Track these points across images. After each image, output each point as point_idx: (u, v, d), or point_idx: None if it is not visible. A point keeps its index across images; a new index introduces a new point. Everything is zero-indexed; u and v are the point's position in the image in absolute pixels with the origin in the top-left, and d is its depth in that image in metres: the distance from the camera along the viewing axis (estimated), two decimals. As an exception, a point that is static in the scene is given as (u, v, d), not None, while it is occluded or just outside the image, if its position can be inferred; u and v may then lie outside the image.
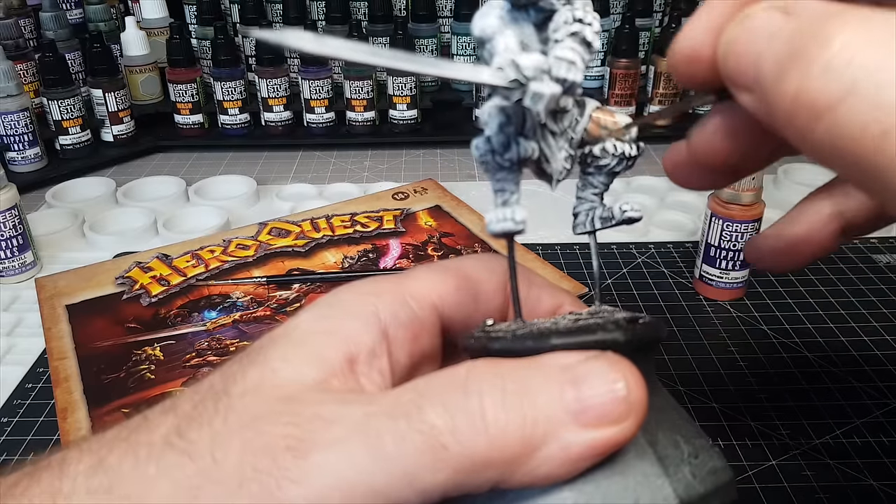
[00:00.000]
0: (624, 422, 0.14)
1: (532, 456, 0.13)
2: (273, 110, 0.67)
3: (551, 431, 0.13)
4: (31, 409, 0.35)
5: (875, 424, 0.33)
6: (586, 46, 0.16)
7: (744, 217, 0.40)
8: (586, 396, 0.14)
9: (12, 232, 0.45)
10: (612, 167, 0.19)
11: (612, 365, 0.14)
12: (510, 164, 0.18)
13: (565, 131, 0.18)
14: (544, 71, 0.16)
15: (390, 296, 0.18)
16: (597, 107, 0.18)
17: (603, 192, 0.20)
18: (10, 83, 0.57)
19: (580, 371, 0.14)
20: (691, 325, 0.40)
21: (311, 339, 0.16)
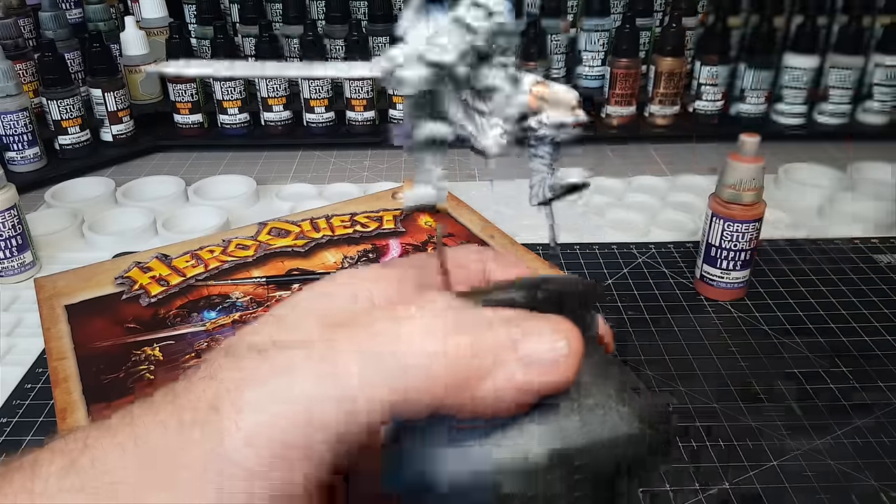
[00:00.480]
0: (562, 366, 0.15)
1: (480, 381, 0.14)
2: (273, 110, 0.67)
3: (498, 362, 0.15)
4: (30, 410, 0.35)
5: (876, 425, 0.33)
6: (464, 28, 0.17)
7: (745, 217, 0.40)
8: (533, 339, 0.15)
9: (11, 232, 0.45)
10: (552, 137, 0.19)
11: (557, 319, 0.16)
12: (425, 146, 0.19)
13: (499, 109, 0.19)
14: (418, 58, 0.17)
15: (385, 282, 0.19)
16: (536, 80, 0.19)
17: (550, 161, 0.20)
18: (10, 83, 0.57)
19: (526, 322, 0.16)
20: (692, 326, 0.40)
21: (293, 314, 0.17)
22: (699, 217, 0.51)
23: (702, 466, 0.31)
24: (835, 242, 0.49)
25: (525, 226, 0.51)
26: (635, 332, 0.40)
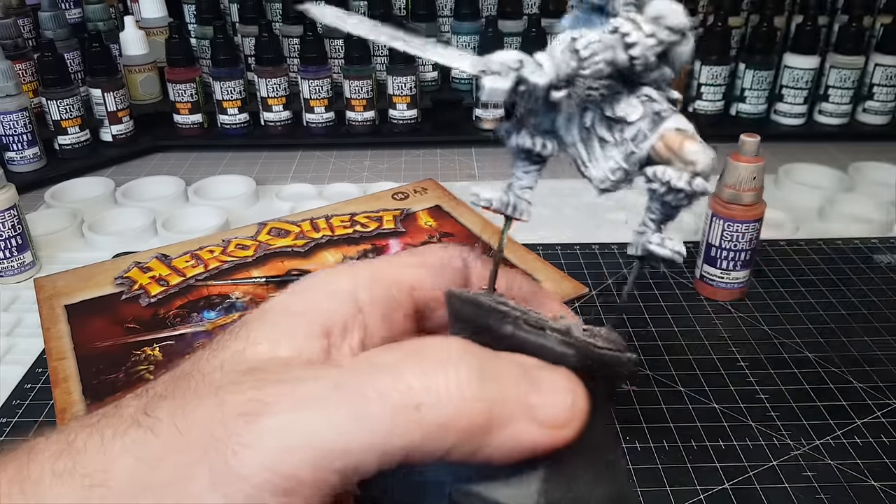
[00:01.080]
0: (566, 427, 0.15)
1: (490, 433, 0.14)
2: (272, 110, 0.67)
3: (510, 416, 0.15)
4: (30, 410, 0.35)
5: (876, 424, 0.33)
6: (572, 53, 0.16)
7: (745, 217, 0.40)
8: (543, 395, 0.15)
9: (11, 232, 0.45)
10: (662, 195, 0.18)
11: (569, 377, 0.16)
12: (515, 151, 0.19)
13: (624, 142, 0.18)
14: (512, 68, 0.16)
15: (367, 278, 0.18)
16: (676, 128, 0.18)
17: (658, 220, 0.19)
18: (9, 83, 0.57)
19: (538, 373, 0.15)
20: (692, 326, 0.40)
21: (282, 319, 0.17)
22: (699, 217, 0.51)
23: (702, 467, 0.31)
24: (835, 242, 0.49)
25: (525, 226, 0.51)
26: (635, 332, 0.40)
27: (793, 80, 0.67)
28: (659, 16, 0.17)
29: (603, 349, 0.17)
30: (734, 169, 0.39)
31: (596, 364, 0.17)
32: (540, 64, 0.16)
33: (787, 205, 0.54)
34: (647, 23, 0.17)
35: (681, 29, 0.17)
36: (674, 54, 0.18)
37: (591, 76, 0.17)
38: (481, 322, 0.17)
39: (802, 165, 0.60)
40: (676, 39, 0.17)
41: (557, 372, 0.16)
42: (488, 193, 0.19)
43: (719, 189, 0.41)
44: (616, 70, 0.17)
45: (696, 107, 0.69)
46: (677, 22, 0.17)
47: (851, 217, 0.52)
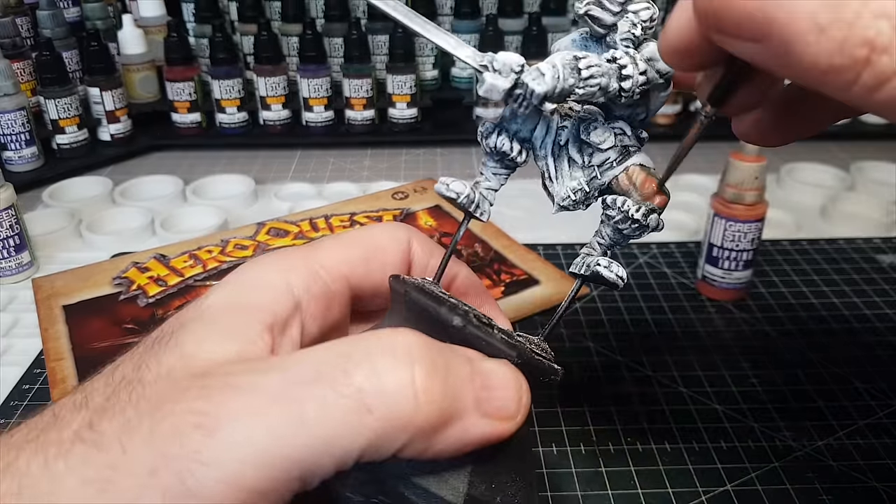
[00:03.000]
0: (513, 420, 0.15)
1: (443, 428, 0.14)
2: (271, 109, 0.67)
3: (462, 411, 0.15)
4: (27, 411, 0.35)
5: (878, 426, 0.33)
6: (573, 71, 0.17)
7: (747, 217, 0.40)
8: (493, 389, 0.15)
9: (9, 232, 0.45)
10: (617, 222, 0.19)
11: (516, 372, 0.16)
12: (488, 150, 0.19)
13: (591, 166, 0.19)
14: (514, 71, 0.17)
15: (302, 269, 0.18)
16: (640, 164, 0.19)
17: (607, 245, 0.20)
18: (7, 82, 0.56)
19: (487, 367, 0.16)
20: (694, 327, 0.40)
21: (223, 316, 0.16)
22: (701, 217, 0.51)
23: (703, 468, 0.30)
24: (837, 242, 0.49)
25: (526, 226, 0.51)
26: (637, 332, 0.39)
27: (794, 78, 0.67)
28: (652, 58, 0.18)
29: (539, 356, 0.18)
30: (736, 168, 0.39)
31: (531, 369, 0.17)
32: (542, 73, 0.17)
33: (790, 204, 0.54)
34: (643, 62, 0.18)
35: (667, 74, 0.18)
36: (653, 97, 0.19)
37: (584, 97, 0.18)
38: (431, 312, 0.17)
39: (805, 165, 0.60)
40: (661, 83, 0.19)
41: (506, 366, 0.16)
42: (458, 187, 0.20)
43: (721, 189, 0.40)
44: (605, 97, 0.18)
45: (696, 106, 0.69)
46: (666, 67, 0.18)
47: (854, 217, 0.52)
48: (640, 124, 0.20)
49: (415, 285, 0.18)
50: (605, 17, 0.18)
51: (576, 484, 0.29)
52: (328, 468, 0.13)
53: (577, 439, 0.32)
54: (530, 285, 0.43)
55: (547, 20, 0.69)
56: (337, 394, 0.14)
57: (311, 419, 0.13)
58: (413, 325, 0.17)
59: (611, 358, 0.37)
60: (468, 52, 0.18)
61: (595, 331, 0.39)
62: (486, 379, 0.15)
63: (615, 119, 0.19)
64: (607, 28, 0.19)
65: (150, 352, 0.16)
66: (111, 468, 0.13)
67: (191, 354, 0.15)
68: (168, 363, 0.15)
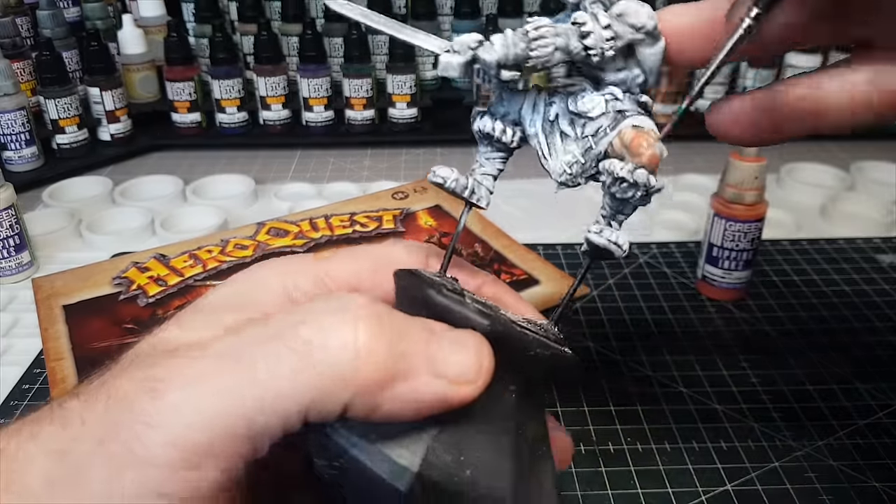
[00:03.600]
0: (472, 384, 0.15)
1: (390, 387, 0.14)
2: (271, 109, 0.67)
3: (412, 370, 0.14)
4: (27, 411, 0.35)
5: (878, 426, 0.33)
6: (523, 35, 0.17)
7: (747, 217, 0.40)
8: (449, 352, 0.15)
9: (9, 232, 0.45)
10: (609, 186, 0.18)
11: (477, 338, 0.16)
12: (478, 135, 0.19)
13: (584, 137, 0.18)
14: (470, 47, 0.17)
15: (304, 273, 0.18)
16: (633, 125, 0.18)
17: (609, 215, 0.19)
18: (7, 82, 0.56)
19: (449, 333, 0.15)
20: (694, 326, 0.40)
21: (216, 312, 0.17)
22: (701, 217, 0.51)
23: (703, 468, 0.30)
24: (837, 242, 0.49)
25: (526, 225, 0.51)
26: (637, 332, 0.39)
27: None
28: (621, 13, 0.17)
29: (525, 329, 0.17)
30: (736, 168, 0.39)
31: (510, 340, 0.17)
32: (492, 43, 0.17)
33: (789, 204, 0.54)
34: (608, 18, 0.17)
35: (642, 27, 0.18)
36: (641, 55, 0.18)
37: (542, 60, 0.17)
38: (415, 292, 0.17)
39: (804, 165, 0.60)
40: (640, 38, 0.18)
41: (465, 332, 0.16)
42: (445, 172, 0.19)
43: (721, 189, 0.40)
44: (571, 59, 0.17)
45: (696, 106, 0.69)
46: (638, 20, 0.17)
47: (854, 217, 0.52)
48: (642, 88, 0.19)
49: (409, 271, 0.18)
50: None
51: (576, 484, 0.29)
52: (275, 428, 0.13)
53: (577, 439, 0.32)
54: (530, 285, 0.43)
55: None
56: (287, 349, 0.14)
57: (261, 375, 0.13)
58: (400, 306, 0.17)
59: (611, 358, 0.37)
60: (435, 43, 0.18)
61: (595, 331, 0.39)
62: (440, 340, 0.15)
63: (606, 86, 0.18)
64: None
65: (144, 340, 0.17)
66: (70, 440, 0.13)
67: (168, 338, 0.16)
68: (145, 344, 0.16)
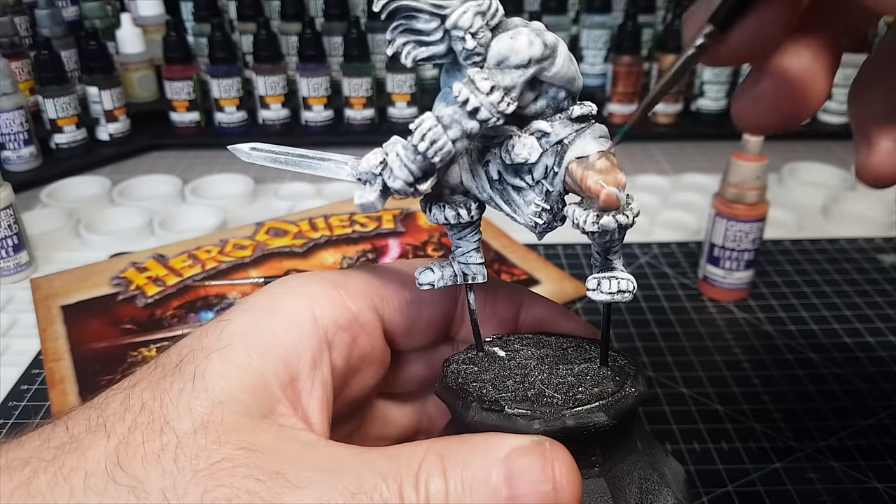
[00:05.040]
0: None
1: None
2: (270, 108, 0.66)
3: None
4: (26, 411, 0.35)
5: (880, 426, 0.32)
6: (413, 151, 0.16)
7: (748, 216, 0.40)
8: (519, 494, 0.14)
9: (7, 232, 0.45)
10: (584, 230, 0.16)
11: (543, 464, 0.14)
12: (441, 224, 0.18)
13: (538, 182, 0.17)
14: (375, 174, 0.17)
15: (329, 299, 0.18)
16: (576, 157, 0.16)
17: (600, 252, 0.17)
18: (6, 81, 0.56)
19: (517, 467, 0.14)
20: (695, 327, 0.40)
21: (249, 359, 0.16)
22: (702, 217, 0.50)
23: (704, 468, 0.30)
24: (839, 242, 0.49)
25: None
26: (638, 332, 0.39)
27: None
28: (500, 61, 0.15)
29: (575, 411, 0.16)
30: (737, 168, 0.39)
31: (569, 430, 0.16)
32: (392, 170, 0.16)
33: (791, 204, 0.54)
34: (489, 78, 0.15)
35: (529, 61, 0.15)
36: (549, 79, 0.16)
37: (445, 158, 0.16)
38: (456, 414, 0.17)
39: (806, 164, 0.59)
40: (537, 69, 0.15)
41: (535, 453, 0.14)
42: (429, 276, 0.18)
43: (722, 188, 0.40)
44: (479, 135, 0.16)
45: (698, 106, 0.69)
46: (520, 58, 0.15)
47: (856, 216, 0.52)
48: (569, 102, 0.17)
49: (445, 387, 0.18)
50: (429, 35, 0.16)
51: (576, 485, 0.29)
52: None
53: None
54: (530, 285, 0.43)
55: (547, 20, 0.69)
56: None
57: None
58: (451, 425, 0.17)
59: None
60: (346, 171, 0.17)
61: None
62: (512, 485, 0.14)
63: (530, 120, 0.16)
64: (439, 45, 0.16)
65: (172, 382, 0.16)
66: None
67: (221, 404, 0.15)
68: (199, 412, 0.15)
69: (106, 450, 0.14)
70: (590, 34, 0.71)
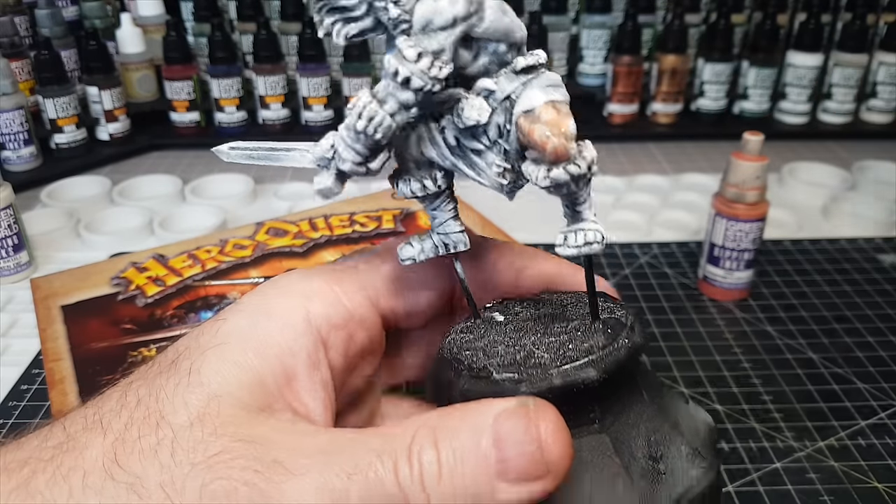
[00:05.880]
0: (542, 479, 0.14)
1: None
2: (270, 108, 0.66)
3: (483, 493, 0.14)
4: (26, 411, 0.35)
5: (880, 426, 0.32)
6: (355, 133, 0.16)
7: (748, 216, 0.39)
8: (507, 457, 0.14)
9: (7, 232, 0.45)
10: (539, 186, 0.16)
11: (527, 425, 0.14)
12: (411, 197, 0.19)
13: (495, 142, 0.16)
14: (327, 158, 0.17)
15: (322, 296, 0.18)
16: (523, 111, 0.15)
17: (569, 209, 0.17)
18: (6, 81, 0.56)
19: (503, 430, 0.14)
20: (695, 327, 0.40)
21: (245, 357, 0.16)
22: (702, 216, 0.50)
23: (705, 469, 0.30)
24: (839, 242, 0.49)
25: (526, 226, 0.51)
26: (637, 332, 0.39)
27: (796, 78, 0.66)
28: (425, 24, 0.15)
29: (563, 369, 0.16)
30: (737, 168, 0.39)
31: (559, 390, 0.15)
32: (340, 152, 0.16)
33: (791, 204, 0.54)
34: (414, 44, 0.15)
35: (454, 20, 0.15)
36: (482, 35, 0.15)
37: (388, 133, 0.16)
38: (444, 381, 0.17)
39: (806, 164, 0.59)
40: (465, 27, 0.15)
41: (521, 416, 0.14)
42: (409, 251, 0.19)
43: (722, 188, 0.40)
44: (420, 104, 0.15)
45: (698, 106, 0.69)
46: (444, 18, 0.15)
47: (855, 216, 0.52)
48: (513, 54, 0.16)
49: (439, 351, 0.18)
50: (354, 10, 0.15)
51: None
52: None
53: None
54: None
55: (547, 19, 0.69)
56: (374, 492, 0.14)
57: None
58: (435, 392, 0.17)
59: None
60: (309, 157, 0.17)
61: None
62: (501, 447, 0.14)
63: (474, 79, 0.16)
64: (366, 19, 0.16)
65: (168, 378, 0.16)
66: None
67: (217, 398, 0.15)
68: (195, 407, 0.15)
69: (103, 447, 0.14)
70: (590, 34, 0.71)
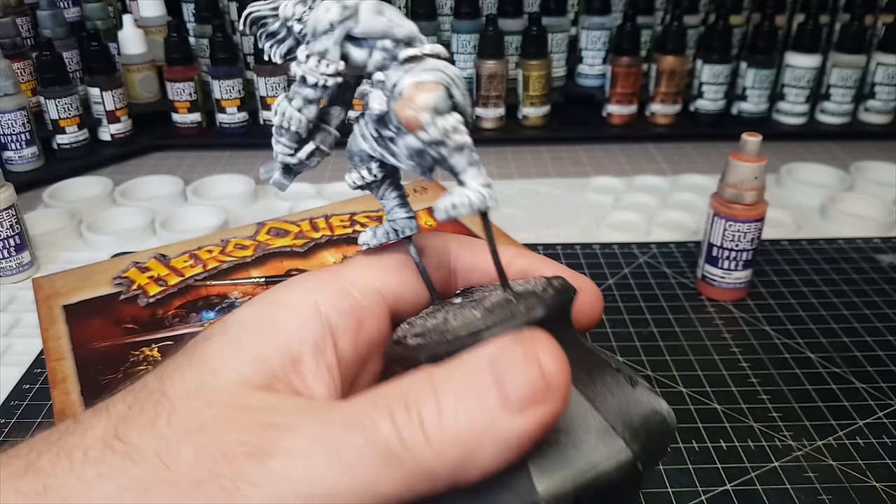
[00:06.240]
0: (548, 402, 0.14)
1: (475, 455, 0.14)
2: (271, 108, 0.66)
3: (486, 430, 0.14)
4: (28, 411, 0.35)
5: (878, 425, 0.33)
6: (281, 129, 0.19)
7: (747, 216, 0.40)
8: (509, 389, 0.14)
9: (9, 232, 0.45)
10: (405, 159, 0.18)
11: (526, 352, 0.14)
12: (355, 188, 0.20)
13: (399, 128, 0.18)
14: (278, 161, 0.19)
15: (330, 287, 0.18)
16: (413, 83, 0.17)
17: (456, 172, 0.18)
18: (7, 82, 0.56)
19: (501, 365, 0.14)
20: (693, 326, 0.40)
21: (249, 339, 0.16)
22: (701, 217, 0.51)
23: (703, 467, 0.30)
24: (837, 242, 0.49)
25: (526, 226, 0.51)
26: (636, 332, 0.39)
27: (794, 78, 0.67)
28: (313, 31, 0.17)
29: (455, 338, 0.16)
30: (736, 168, 0.39)
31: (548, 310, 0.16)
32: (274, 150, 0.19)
33: (789, 204, 0.54)
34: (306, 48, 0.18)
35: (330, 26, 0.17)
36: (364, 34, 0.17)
37: (303, 126, 0.18)
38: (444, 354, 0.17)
39: (804, 165, 0.60)
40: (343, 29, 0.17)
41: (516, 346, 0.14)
42: (364, 237, 0.20)
43: (721, 189, 0.40)
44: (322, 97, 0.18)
45: (696, 106, 0.69)
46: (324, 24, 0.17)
47: (854, 217, 0.52)
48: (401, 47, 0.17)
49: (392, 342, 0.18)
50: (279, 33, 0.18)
51: (576, 483, 0.29)
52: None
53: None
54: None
55: (547, 20, 0.69)
56: (368, 442, 0.14)
57: (349, 463, 0.14)
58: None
59: (611, 358, 0.37)
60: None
61: (594, 330, 0.39)
62: (501, 381, 0.14)
63: (369, 77, 0.18)
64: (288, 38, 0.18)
65: (174, 365, 0.16)
66: (151, 478, 0.14)
67: (217, 373, 0.15)
68: (194, 380, 0.15)
69: (105, 426, 0.15)
70: (589, 35, 0.71)
